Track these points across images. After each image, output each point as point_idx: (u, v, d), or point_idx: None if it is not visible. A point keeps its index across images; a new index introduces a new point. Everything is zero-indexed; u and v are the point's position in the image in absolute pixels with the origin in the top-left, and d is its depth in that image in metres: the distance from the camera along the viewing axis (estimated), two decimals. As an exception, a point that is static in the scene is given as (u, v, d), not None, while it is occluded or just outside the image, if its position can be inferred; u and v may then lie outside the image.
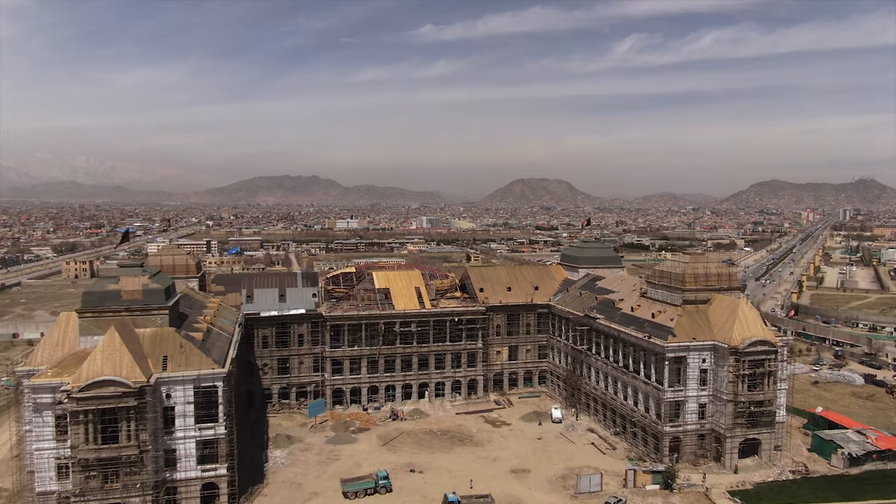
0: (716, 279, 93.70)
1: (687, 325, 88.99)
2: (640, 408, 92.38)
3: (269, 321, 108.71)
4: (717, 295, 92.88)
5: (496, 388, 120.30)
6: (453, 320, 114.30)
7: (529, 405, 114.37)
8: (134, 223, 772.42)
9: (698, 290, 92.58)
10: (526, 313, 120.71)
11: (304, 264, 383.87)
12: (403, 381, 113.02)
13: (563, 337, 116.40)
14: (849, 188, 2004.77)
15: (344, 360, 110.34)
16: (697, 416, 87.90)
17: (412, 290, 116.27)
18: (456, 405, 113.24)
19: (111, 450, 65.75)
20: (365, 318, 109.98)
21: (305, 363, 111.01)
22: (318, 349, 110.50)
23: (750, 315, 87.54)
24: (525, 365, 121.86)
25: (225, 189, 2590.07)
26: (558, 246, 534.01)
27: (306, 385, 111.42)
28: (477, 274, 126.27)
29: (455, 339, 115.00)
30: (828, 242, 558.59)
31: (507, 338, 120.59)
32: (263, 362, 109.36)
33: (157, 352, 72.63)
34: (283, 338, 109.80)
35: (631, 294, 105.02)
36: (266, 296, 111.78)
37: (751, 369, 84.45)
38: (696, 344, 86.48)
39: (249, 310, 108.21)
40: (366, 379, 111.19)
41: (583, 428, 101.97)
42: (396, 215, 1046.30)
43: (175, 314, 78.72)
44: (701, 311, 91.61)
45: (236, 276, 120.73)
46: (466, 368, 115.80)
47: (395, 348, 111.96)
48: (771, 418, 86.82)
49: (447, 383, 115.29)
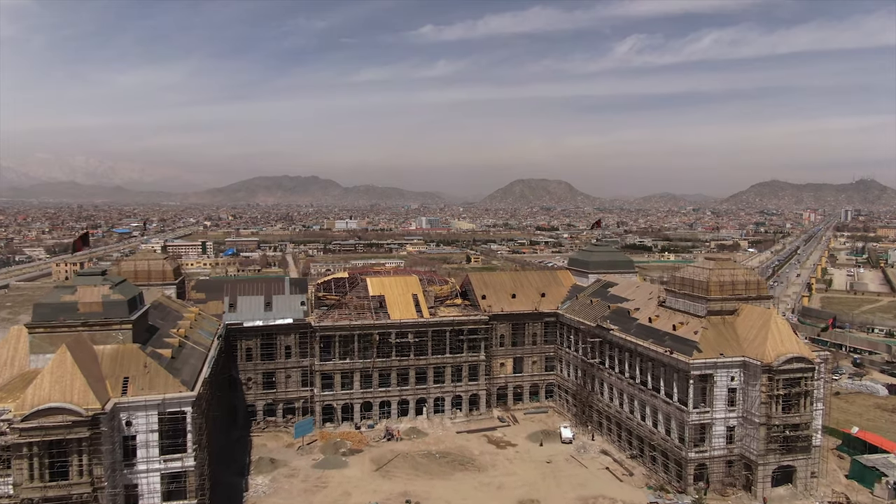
0: (743, 287, 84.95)
1: (713, 338, 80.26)
2: (661, 430, 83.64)
3: (254, 332, 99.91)
4: (746, 305, 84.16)
5: (500, 402, 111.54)
6: (454, 330, 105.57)
7: (536, 422, 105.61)
8: (131, 223, 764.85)
9: (725, 299, 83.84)
10: (532, 322, 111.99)
11: (301, 265, 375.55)
12: (399, 397, 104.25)
13: (572, 348, 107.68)
14: (849, 189, 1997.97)
15: (335, 374, 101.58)
16: (725, 440, 79.14)
17: (409, 298, 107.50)
18: (456, 422, 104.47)
19: (60, 487, 56.98)
20: (358, 328, 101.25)
21: (293, 377, 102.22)
22: (306, 362, 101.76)
23: (783, 328, 78.84)
24: (531, 378, 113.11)
25: (224, 189, 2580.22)
26: (559, 247, 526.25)
27: (294, 401, 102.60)
28: (479, 280, 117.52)
29: (455, 350, 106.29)
30: (832, 244, 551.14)
31: (511, 349, 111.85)
32: (247, 376, 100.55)
33: (117, 372, 63.90)
34: (269, 350, 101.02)
35: (648, 303, 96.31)
36: (250, 304, 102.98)
37: (786, 389, 75.72)
38: (724, 360, 77.73)
39: (232, 319, 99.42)
40: (358, 394, 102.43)
41: (595, 450, 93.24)
42: (396, 216, 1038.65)
43: (141, 328, 69.98)
44: (728, 322, 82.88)
45: (218, 283, 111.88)
46: (468, 382, 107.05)
47: (391, 361, 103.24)
48: (807, 443, 78.09)
49: (447, 398, 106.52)
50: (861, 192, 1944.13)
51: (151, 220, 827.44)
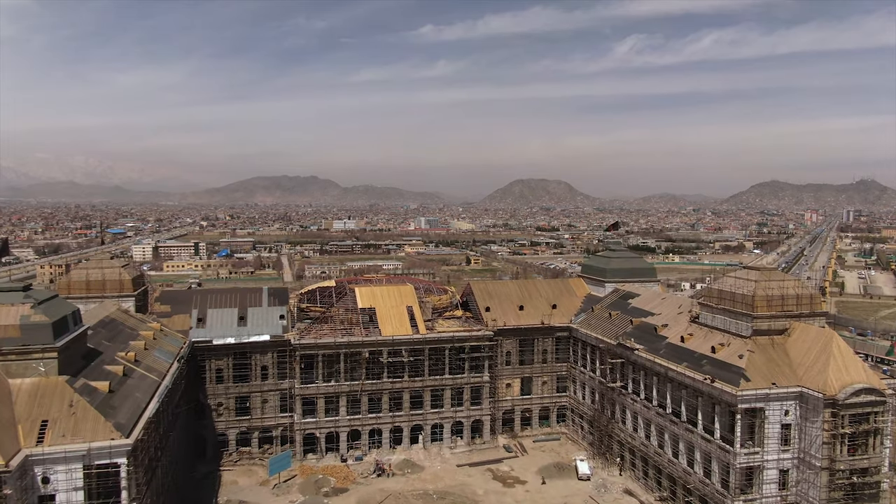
0: (795, 302, 72.29)
1: (761, 364, 67.65)
2: (698, 471, 71.01)
3: (225, 350, 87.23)
4: (797, 323, 71.56)
5: (505, 428, 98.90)
6: (454, 347, 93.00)
7: (548, 452, 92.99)
8: (126, 223, 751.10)
9: (773, 316, 71.20)
10: (542, 337, 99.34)
11: (296, 267, 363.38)
12: (392, 424, 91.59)
13: (588, 368, 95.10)
14: (849, 189, 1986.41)
15: (318, 399, 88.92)
16: (778, 485, 66.48)
17: (403, 310, 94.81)
18: (457, 453, 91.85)
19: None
20: (344, 345, 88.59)
21: (270, 402, 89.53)
22: (285, 384, 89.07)
23: (846, 352, 66.28)
24: (541, 400, 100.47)
25: (223, 189, 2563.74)
26: (561, 248, 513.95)
27: (271, 429, 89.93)
28: (482, 289, 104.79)
29: (456, 370, 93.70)
30: (838, 245, 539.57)
31: (518, 367, 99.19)
32: (218, 401, 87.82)
33: (34, 414, 51.25)
34: (243, 371, 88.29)
35: (677, 318, 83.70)
36: (222, 318, 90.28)
37: (852, 426, 63.21)
38: (777, 392, 65.10)
39: (200, 336, 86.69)
40: (345, 422, 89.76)
41: (618, 489, 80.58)
42: (395, 216, 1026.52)
43: (73, 355, 57.32)
44: (777, 344, 70.24)
45: (186, 294, 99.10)
46: (470, 407, 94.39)
47: (382, 383, 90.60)
48: (876, 489, 65.53)
49: (446, 425, 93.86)
50: (861, 192, 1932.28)
51: (147, 220, 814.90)
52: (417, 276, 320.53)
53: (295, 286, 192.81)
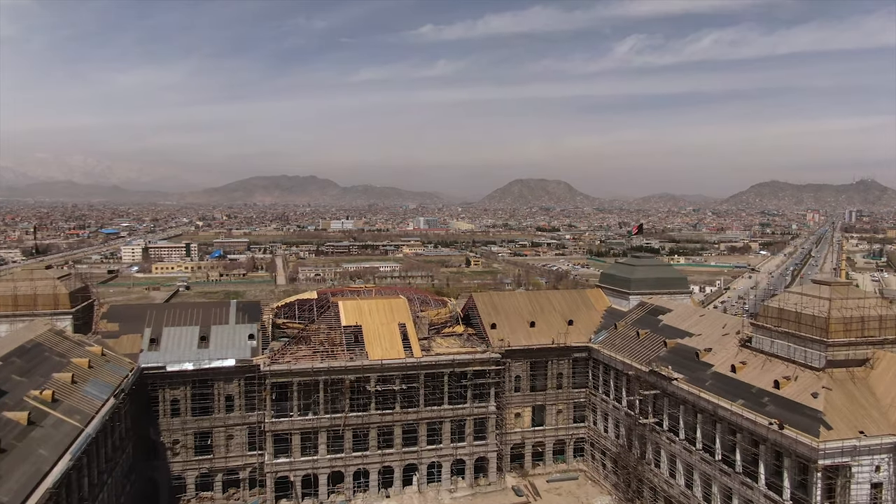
0: (877, 326, 58.42)
1: (842, 405, 53.79)
2: (759, 536, 57.17)
3: (182, 378, 73.24)
4: (882, 352, 57.71)
5: (514, 465, 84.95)
6: (454, 372, 79.04)
7: (564, 496, 79.08)
8: (122, 223, 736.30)
9: (853, 343, 57.36)
10: (557, 359, 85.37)
11: (290, 268, 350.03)
12: (381, 464, 77.41)
13: (611, 396, 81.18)
14: (849, 189, 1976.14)
15: (293, 435, 74.83)
16: (865, 561, 52.78)
17: (394, 328, 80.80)
18: (457, 497, 77.82)
19: None
20: (324, 371, 74.58)
21: (236, 439, 75.52)
22: (254, 418, 75.11)
23: (951, 391, 52.54)
24: (555, 432, 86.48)
25: (221, 189, 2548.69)
26: (563, 248, 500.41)
27: (237, 470, 75.87)
28: (487, 302, 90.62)
29: (456, 399, 79.72)
30: (845, 245, 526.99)
31: (529, 394, 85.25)
32: (173, 438, 73.74)
33: None
34: (204, 402, 74.22)
35: (722, 340, 69.77)
36: (179, 338, 76.22)
37: (965, 489, 49.46)
38: (866, 444, 51.27)
39: (151, 361, 72.59)
40: (325, 462, 75.63)
41: (653, 549, 66.78)
42: (394, 216, 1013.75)
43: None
44: (859, 379, 56.37)
45: (139, 309, 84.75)
46: (473, 442, 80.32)
47: (369, 415, 76.55)
48: None
49: (445, 464, 79.72)
50: (861, 192, 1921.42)
51: (143, 220, 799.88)
52: (415, 278, 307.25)
53: (275, 296, 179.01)
